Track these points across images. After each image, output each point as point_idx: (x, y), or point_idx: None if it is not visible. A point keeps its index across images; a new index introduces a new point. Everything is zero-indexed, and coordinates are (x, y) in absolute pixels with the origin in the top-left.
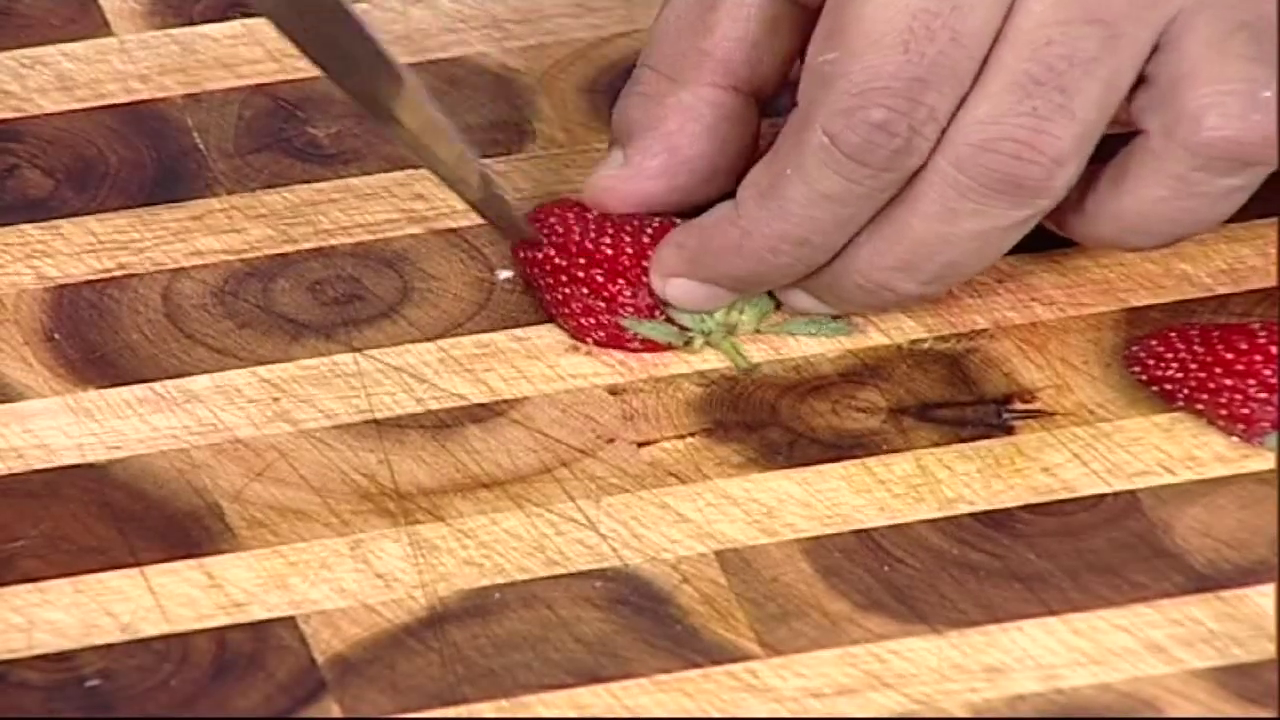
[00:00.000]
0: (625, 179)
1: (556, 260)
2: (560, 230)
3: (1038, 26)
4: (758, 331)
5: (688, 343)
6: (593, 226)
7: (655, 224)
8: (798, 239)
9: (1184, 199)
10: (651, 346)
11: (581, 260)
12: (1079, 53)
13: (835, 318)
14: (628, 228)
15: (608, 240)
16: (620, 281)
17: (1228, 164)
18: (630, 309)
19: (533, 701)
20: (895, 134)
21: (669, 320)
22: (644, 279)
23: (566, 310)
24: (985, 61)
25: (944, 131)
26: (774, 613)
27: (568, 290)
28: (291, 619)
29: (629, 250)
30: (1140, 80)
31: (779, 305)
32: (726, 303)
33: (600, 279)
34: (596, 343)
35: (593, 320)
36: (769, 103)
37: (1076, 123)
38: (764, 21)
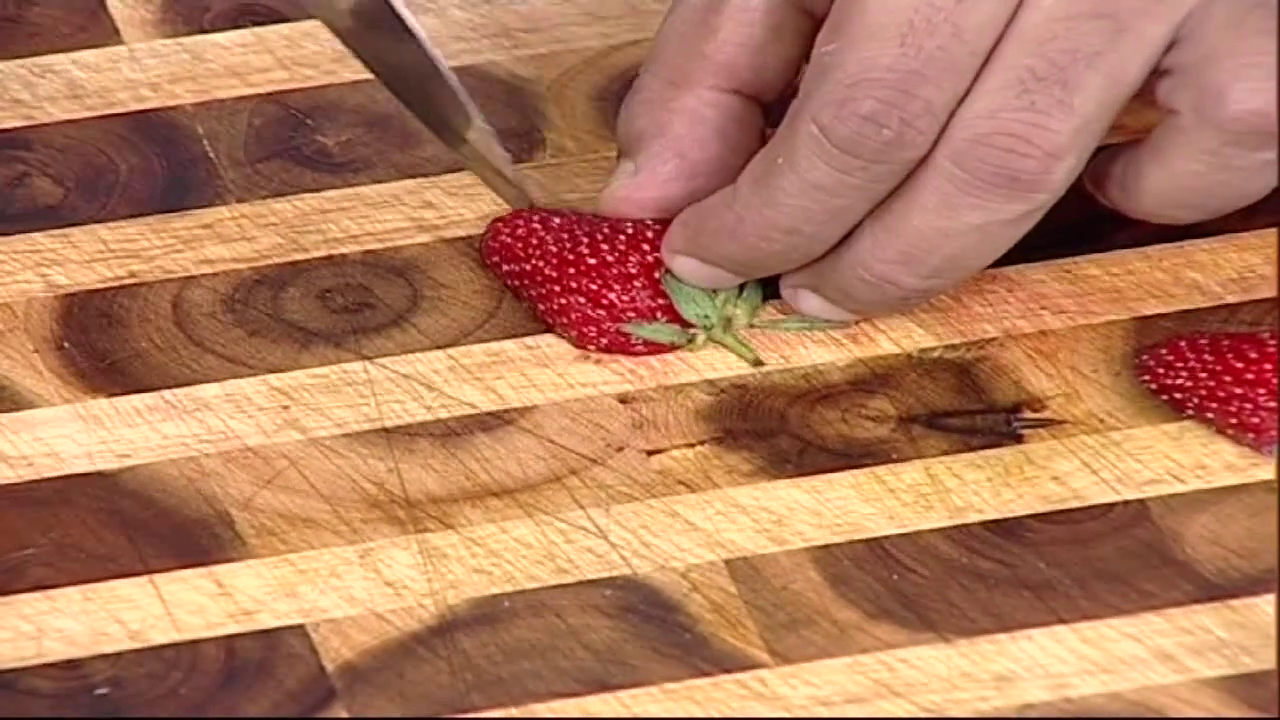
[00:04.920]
0: (640, 188)
1: (546, 271)
2: (535, 241)
3: (1045, 22)
4: (751, 326)
5: (690, 341)
6: (565, 235)
7: (630, 227)
8: (787, 228)
9: (1220, 173)
10: (656, 348)
11: (571, 270)
12: (1083, 47)
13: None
14: (601, 233)
15: (586, 247)
16: (616, 287)
17: (1258, 137)
18: (631, 313)
19: (542, 709)
20: (885, 126)
21: (670, 320)
22: (636, 282)
23: (565, 320)
24: (990, 56)
25: (946, 126)
26: (783, 621)
27: (564, 301)
28: (301, 627)
29: (614, 255)
30: (1164, 71)
31: (767, 298)
32: (731, 284)
33: (596, 287)
34: (600, 349)
35: (594, 329)
36: (772, 108)
37: (1076, 117)
38: (768, 27)
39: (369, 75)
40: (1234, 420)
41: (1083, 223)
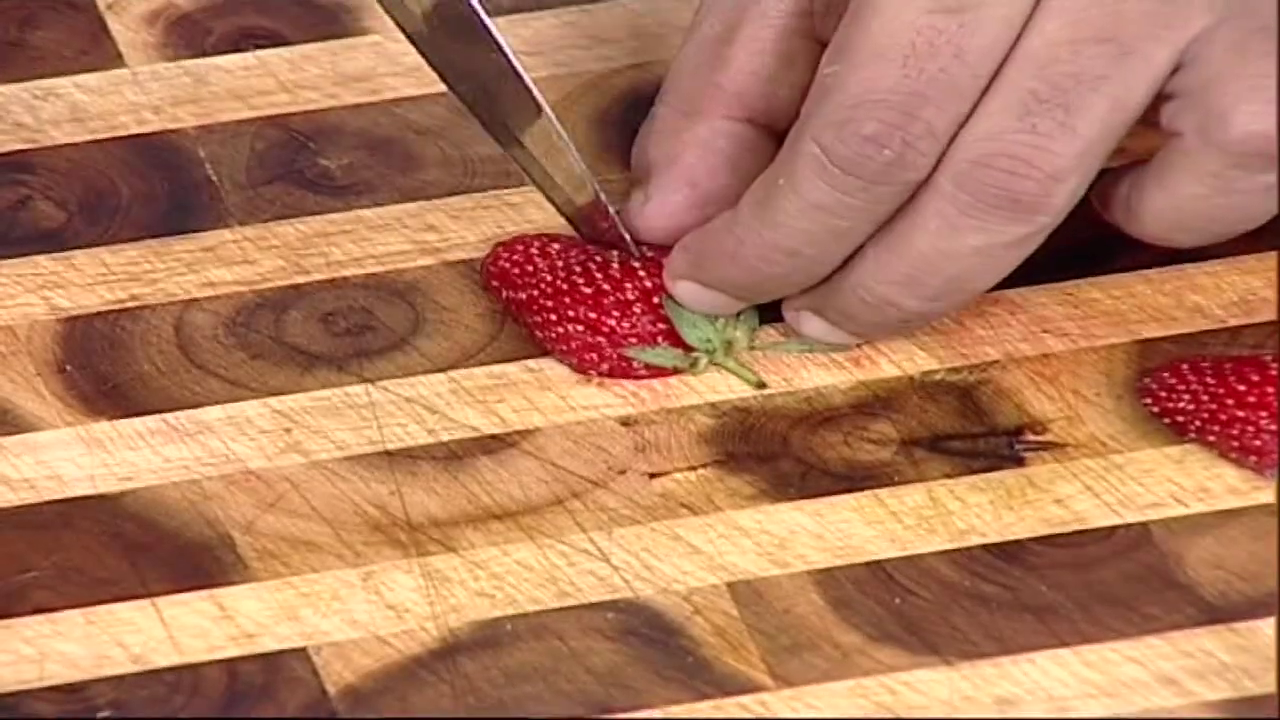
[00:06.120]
0: (651, 218)
1: (542, 300)
2: (531, 269)
3: (1048, 45)
4: (752, 348)
5: (693, 364)
6: (559, 262)
7: (618, 255)
8: (789, 250)
9: (1223, 197)
10: (658, 372)
11: (567, 300)
12: (1087, 71)
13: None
14: (594, 262)
15: (579, 275)
16: (615, 314)
17: (1261, 160)
18: (632, 339)
19: None
20: (886, 147)
21: (671, 344)
22: (635, 308)
23: (566, 348)
24: (993, 79)
25: (948, 148)
26: (785, 644)
27: (563, 329)
28: (303, 650)
29: (609, 283)
30: (1168, 95)
31: (765, 320)
32: (733, 309)
33: (594, 316)
34: (602, 374)
35: (594, 355)
36: (784, 137)
37: (1078, 140)
38: (780, 55)
39: (371, 99)
40: (1236, 443)
41: (1085, 246)
